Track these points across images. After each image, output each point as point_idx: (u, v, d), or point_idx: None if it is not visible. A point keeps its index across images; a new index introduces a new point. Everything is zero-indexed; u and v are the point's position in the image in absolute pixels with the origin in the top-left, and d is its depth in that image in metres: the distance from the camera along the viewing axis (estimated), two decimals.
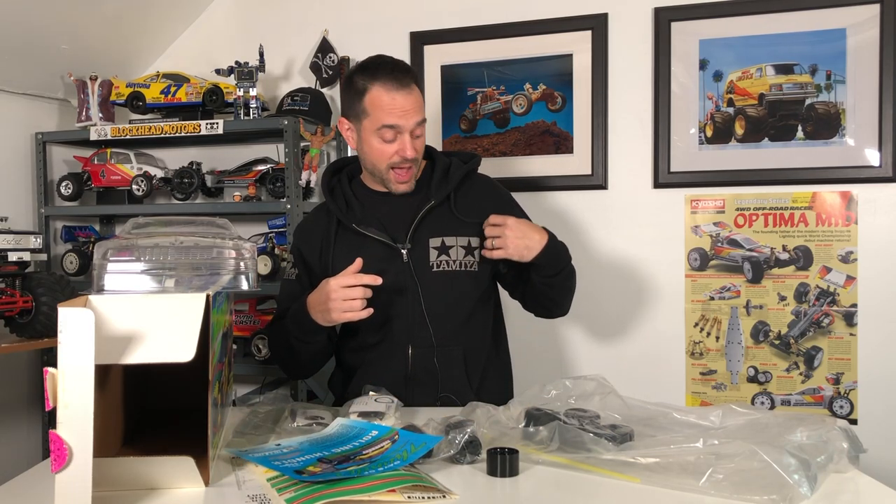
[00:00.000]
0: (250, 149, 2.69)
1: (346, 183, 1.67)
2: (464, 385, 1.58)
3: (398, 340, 1.58)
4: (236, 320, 2.44)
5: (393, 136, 1.54)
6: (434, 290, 1.57)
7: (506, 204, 1.70)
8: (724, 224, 2.33)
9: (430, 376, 1.57)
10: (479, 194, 1.67)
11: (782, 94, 2.25)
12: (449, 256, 1.59)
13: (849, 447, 1.04)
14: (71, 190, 2.58)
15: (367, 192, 1.67)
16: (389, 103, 1.52)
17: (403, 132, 1.54)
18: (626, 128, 2.39)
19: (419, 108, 1.56)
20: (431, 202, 1.60)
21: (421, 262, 1.58)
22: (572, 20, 2.41)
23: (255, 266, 1.21)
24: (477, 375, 1.62)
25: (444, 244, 1.59)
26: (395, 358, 1.58)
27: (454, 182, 1.63)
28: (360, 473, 0.99)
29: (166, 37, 2.79)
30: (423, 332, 1.56)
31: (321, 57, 2.61)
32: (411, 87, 1.55)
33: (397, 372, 1.57)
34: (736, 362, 2.34)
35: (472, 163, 1.68)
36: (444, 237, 1.60)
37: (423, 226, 1.59)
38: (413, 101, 1.54)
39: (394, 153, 1.56)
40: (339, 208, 1.62)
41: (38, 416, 2.60)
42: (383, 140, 1.55)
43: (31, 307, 1.84)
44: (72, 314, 0.85)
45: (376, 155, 1.58)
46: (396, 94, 1.53)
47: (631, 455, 1.03)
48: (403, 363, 1.57)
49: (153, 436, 1.26)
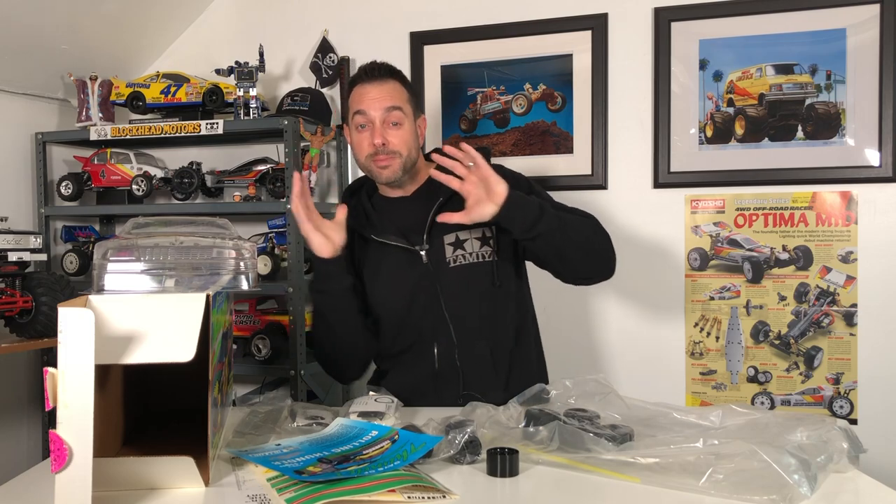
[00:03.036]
0: (250, 149, 2.69)
1: (366, 198, 1.70)
2: (491, 379, 1.59)
3: (425, 340, 1.60)
4: (236, 320, 2.44)
5: (365, 123, 1.59)
6: (452, 286, 1.59)
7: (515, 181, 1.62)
8: (724, 224, 2.33)
9: (454, 373, 1.59)
10: None
11: (782, 94, 2.26)
12: (464, 250, 1.60)
13: (849, 447, 1.04)
14: (71, 190, 2.58)
15: (383, 201, 1.70)
16: (360, 94, 1.61)
17: (374, 120, 1.58)
18: (626, 128, 2.39)
19: (389, 96, 1.59)
20: (440, 199, 1.60)
21: (439, 261, 1.59)
22: (572, 20, 2.41)
23: (255, 266, 1.21)
24: (504, 369, 1.62)
25: (458, 239, 1.60)
26: (424, 357, 1.60)
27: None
28: (360, 473, 0.99)
29: (166, 37, 2.79)
30: (444, 329, 1.58)
31: (321, 57, 2.61)
32: (383, 79, 1.61)
33: (425, 370, 1.59)
34: (736, 362, 2.34)
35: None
36: (458, 232, 1.60)
37: (436, 224, 1.59)
38: (382, 90, 1.59)
39: (368, 143, 1.59)
40: (358, 222, 1.64)
41: (38, 416, 2.60)
42: (358, 130, 1.61)
43: (31, 307, 1.84)
44: (72, 314, 0.85)
45: (356, 147, 1.63)
46: (367, 84, 1.61)
47: (631, 455, 1.03)
48: (430, 361, 1.59)
49: (153, 436, 1.26)
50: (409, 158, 1.62)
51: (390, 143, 1.58)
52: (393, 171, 1.60)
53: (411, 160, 1.63)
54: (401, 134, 1.60)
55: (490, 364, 1.60)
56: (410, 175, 1.66)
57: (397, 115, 1.60)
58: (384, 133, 1.58)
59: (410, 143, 1.62)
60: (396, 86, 1.62)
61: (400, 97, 1.61)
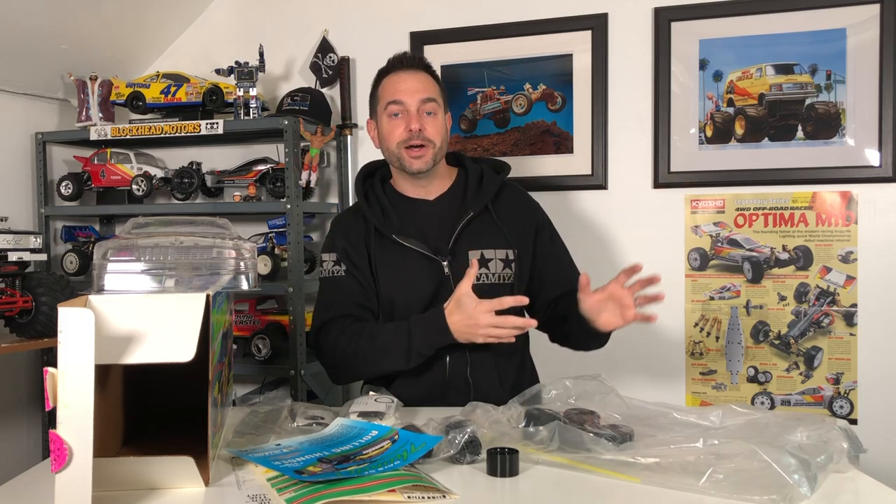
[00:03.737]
0: (250, 149, 2.69)
1: (380, 188, 1.68)
2: (496, 389, 1.58)
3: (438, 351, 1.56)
4: (236, 320, 2.45)
5: (399, 111, 1.59)
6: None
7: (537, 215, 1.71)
8: (724, 224, 2.33)
9: (465, 384, 1.58)
10: (515, 206, 1.68)
11: (782, 94, 2.25)
12: (488, 269, 1.59)
13: (849, 447, 1.04)
14: (71, 190, 2.58)
15: (400, 198, 1.68)
16: (395, 83, 1.61)
17: (409, 108, 1.58)
18: (626, 128, 2.39)
19: (425, 88, 1.60)
20: (470, 213, 1.59)
21: (460, 274, 1.54)
22: (572, 20, 2.41)
23: (255, 266, 1.21)
24: (510, 381, 1.62)
25: (484, 257, 1.59)
26: (434, 367, 1.58)
27: (490, 193, 1.63)
28: (360, 473, 0.99)
29: (166, 37, 2.79)
30: (458, 344, 1.53)
31: (321, 57, 2.61)
32: (416, 70, 1.62)
33: (435, 379, 1.58)
34: (736, 362, 2.34)
35: (504, 173, 1.69)
36: (483, 249, 1.59)
37: (462, 237, 1.59)
38: (417, 80, 1.60)
39: (402, 130, 1.58)
40: (375, 217, 1.61)
41: (38, 416, 2.60)
42: (390, 118, 1.60)
43: (31, 307, 1.84)
44: (72, 314, 0.85)
45: (387, 135, 1.61)
46: (401, 74, 1.61)
47: (631, 455, 1.03)
48: (441, 371, 1.58)
49: (153, 436, 1.26)
50: (440, 151, 1.62)
51: (426, 131, 1.58)
52: (425, 162, 1.59)
53: (441, 153, 1.63)
54: (436, 124, 1.61)
55: (496, 376, 1.60)
56: (435, 173, 1.64)
57: (432, 105, 1.60)
58: (420, 120, 1.58)
59: (443, 135, 1.63)
60: (430, 79, 1.63)
61: (434, 90, 1.62)
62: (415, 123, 1.57)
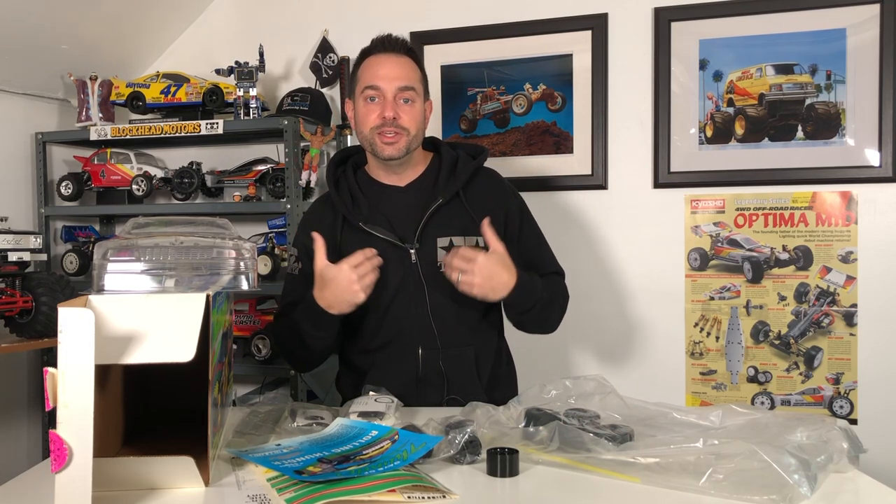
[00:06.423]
0: (250, 149, 2.69)
1: (352, 174, 1.66)
2: (473, 385, 1.58)
3: (408, 342, 1.57)
4: (236, 320, 2.45)
5: (375, 96, 1.56)
6: (441, 291, 1.55)
7: (509, 201, 1.67)
8: (724, 224, 2.33)
9: (438, 377, 1.57)
10: (487, 192, 1.65)
11: (782, 94, 2.26)
12: None
13: (849, 447, 1.04)
14: (71, 190, 2.58)
15: (372, 184, 1.65)
16: (374, 66, 1.57)
17: (385, 95, 1.55)
18: (626, 128, 2.39)
19: (405, 75, 1.57)
20: (439, 200, 1.58)
21: (429, 263, 1.56)
22: (572, 20, 2.41)
23: (255, 266, 1.21)
24: (486, 375, 1.61)
25: (452, 244, 1.57)
26: (405, 359, 1.57)
27: (462, 180, 1.60)
28: (360, 473, 0.98)
29: (166, 37, 2.79)
30: (429, 333, 1.55)
31: (321, 57, 2.61)
32: (399, 55, 1.58)
33: (407, 373, 1.56)
34: (736, 362, 2.34)
35: (480, 158, 1.66)
36: (453, 237, 1.58)
37: (430, 224, 1.57)
38: (398, 66, 1.56)
39: (377, 115, 1.55)
40: (344, 204, 1.60)
41: (38, 416, 2.60)
42: (367, 102, 1.57)
43: (31, 307, 1.84)
44: (72, 314, 0.85)
45: (361, 118, 1.58)
46: (381, 57, 1.57)
47: (631, 455, 1.03)
48: (413, 365, 1.56)
49: (153, 436, 1.26)
50: (415, 139, 1.59)
51: (401, 119, 1.55)
52: (398, 149, 1.56)
53: (417, 141, 1.60)
54: (412, 112, 1.57)
55: (474, 369, 1.59)
56: (408, 160, 1.62)
57: (410, 93, 1.57)
58: (396, 107, 1.55)
59: (419, 123, 1.60)
60: (411, 64, 1.59)
61: (414, 77, 1.59)
62: (389, 111, 1.54)
